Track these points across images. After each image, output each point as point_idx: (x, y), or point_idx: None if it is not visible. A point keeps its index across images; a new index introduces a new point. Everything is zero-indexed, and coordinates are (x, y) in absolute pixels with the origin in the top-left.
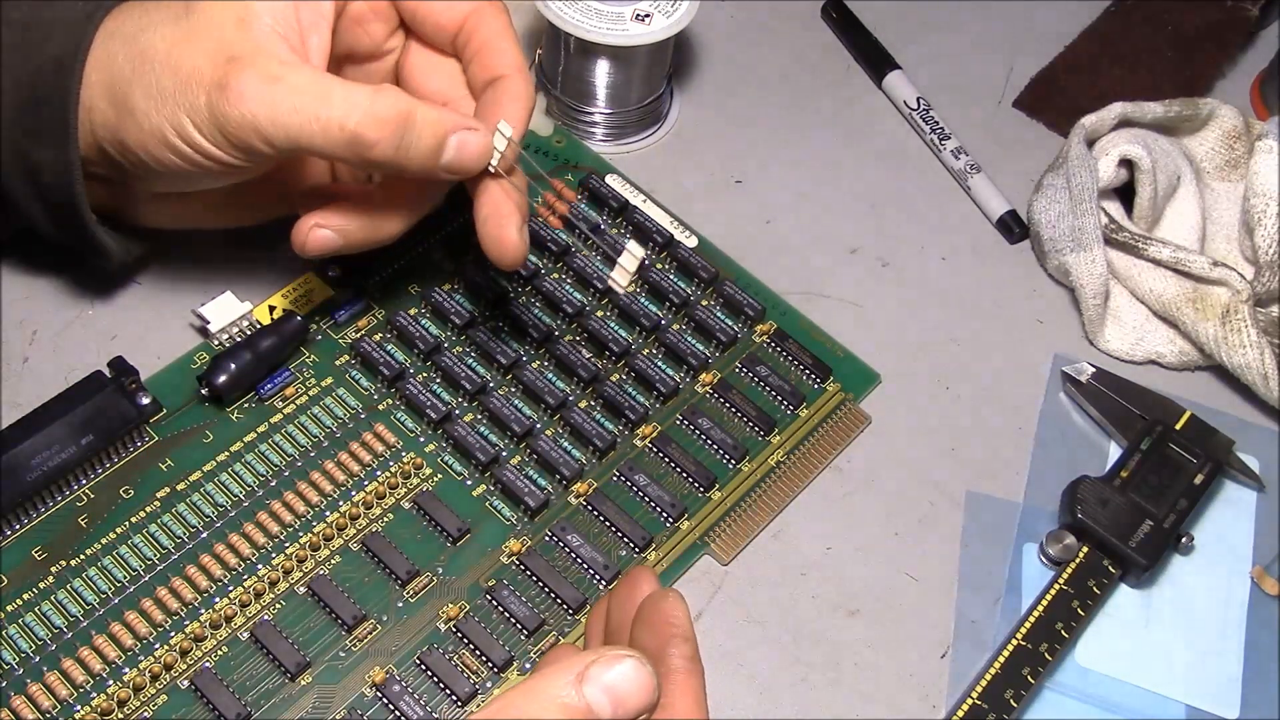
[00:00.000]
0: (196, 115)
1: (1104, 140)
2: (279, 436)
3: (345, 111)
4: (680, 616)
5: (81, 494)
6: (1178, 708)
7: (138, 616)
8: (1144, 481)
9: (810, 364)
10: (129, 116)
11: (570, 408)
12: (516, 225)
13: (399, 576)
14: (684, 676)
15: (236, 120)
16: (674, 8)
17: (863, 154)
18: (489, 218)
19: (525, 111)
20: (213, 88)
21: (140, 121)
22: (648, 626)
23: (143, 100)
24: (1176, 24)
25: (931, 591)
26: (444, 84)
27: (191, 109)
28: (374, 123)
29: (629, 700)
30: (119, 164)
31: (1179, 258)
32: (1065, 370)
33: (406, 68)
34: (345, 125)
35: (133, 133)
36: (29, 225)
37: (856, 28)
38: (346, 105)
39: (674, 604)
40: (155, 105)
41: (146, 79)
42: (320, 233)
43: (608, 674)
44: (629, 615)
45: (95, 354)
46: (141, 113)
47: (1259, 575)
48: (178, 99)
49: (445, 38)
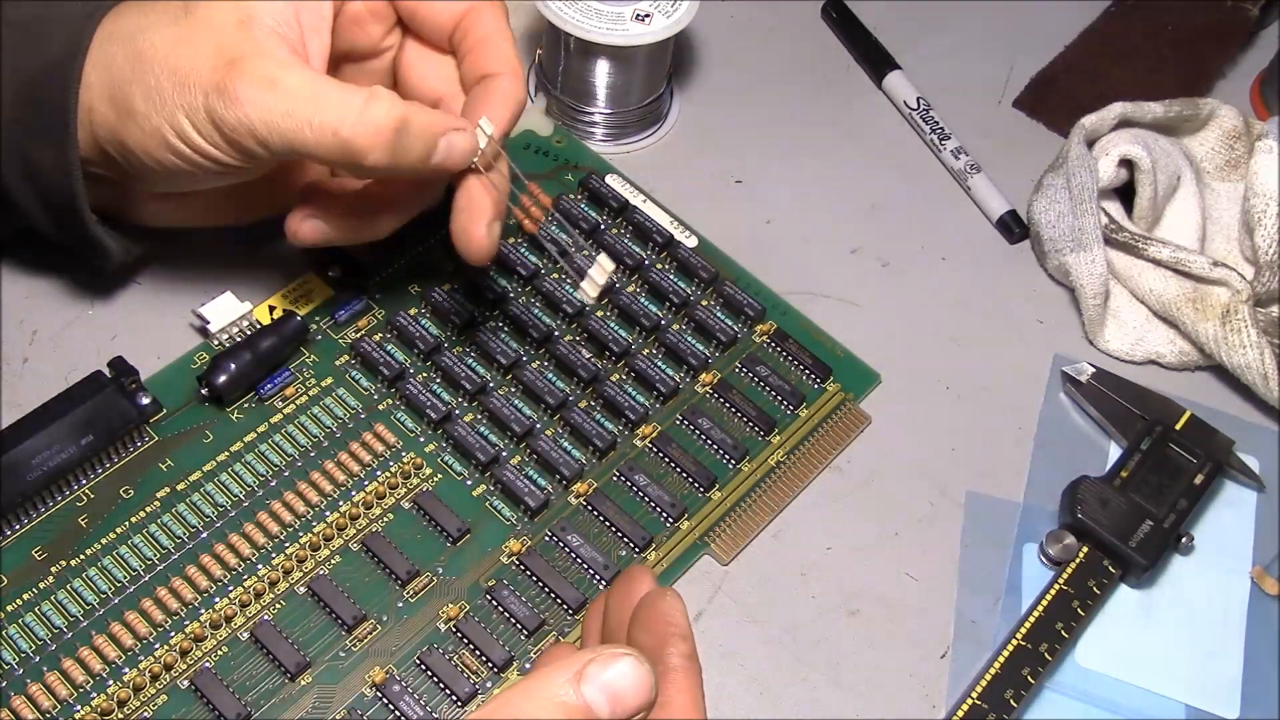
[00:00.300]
0: (195, 116)
1: (1104, 140)
2: (279, 436)
3: (339, 118)
4: (678, 615)
5: (81, 494)
6: (1178, 708)
7: (138, 616)
8: (1144, 481)
9: (810, 364)
10: (129, 118)
11: (570, 408)
12: (486, 221)
13: (399, 576)
14: (682, 676)
15: (233, 123)
16: (674, 8)
17: (863, 154)
18: (461, 211)
19: (510, 111)
20: (211, 90)
21: (140, 123)
22: (645, 625)
23: (142, 102)
24: (1176, 24)
25: (931, 591)
26: (439, 81)
27: (190, 110)
28: (367, 130)
29: (627, 699)
30: (119, 164)
31: (1179, 258)
32: (1065, 370)
33: (403, 65)
34: (339, 132)
35: (133, 134)
36: (29, 225)
37: (856, 28)
38: (340, 111)
39: (671, 603)
40: (154, 107)
41: (145, 80)
42: (312, 223)
43: (605, 673)
44: (626, 614)
45: (95, 354)
46: (141, 115)
47: (1259, 575)
48: (176, 100)
49: (442, 35)
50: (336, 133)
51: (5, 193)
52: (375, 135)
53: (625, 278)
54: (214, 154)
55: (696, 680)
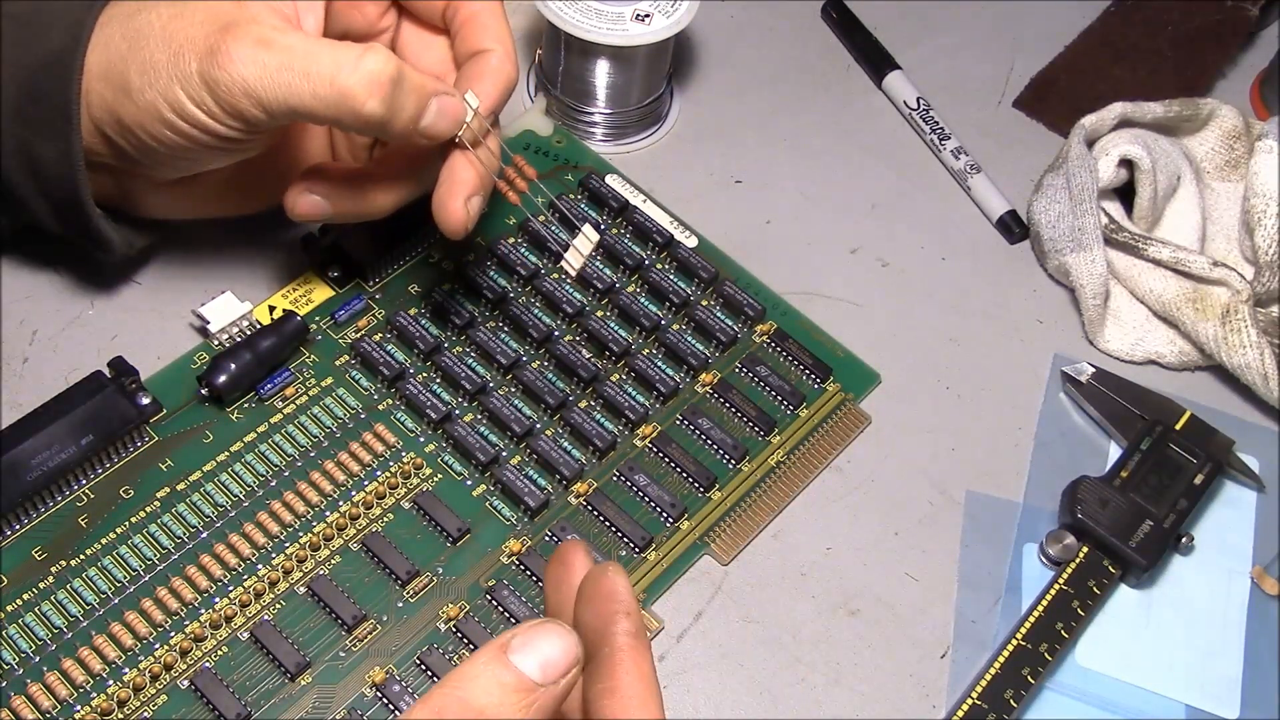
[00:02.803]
0: (189, 84)
1: (1104, 140)
2: (279, 436)
3: (334, 69)
4: (622, 590)
5: (81, 494)
6: (1178, 708)
7: (138, 616)
8: (1144, 481)
9: (810, 364)
10: (125, 95)
11: (570, 408)
12: (465, 195)
13: (399, 576)
14: (630, 653)
15: (227, 84)
16: (674, 8)
17: (863, 154)
18: (441, 184)
19: (499, 88)
20: (204, 54)
21: (135, 99)
22: (589, 603)
23: (137, 77)
24: (1176, 24)
25: (931, 591)
26: (435, 62)
27: (184, 78)
28: (364, 79)
29: (555, 660)
30: (120, 147)
31: (1179, 258)
32: (1065, 370)
33: (400, 46)
34: (335, 81)
35: (129, 110)
36: (32, 220)
37: (856, 28)
38: (335, 62)
39: (614, 577)
40: (149, 80)
41: (141, 55)
42: (310, 197)
43: (530, 643)
44: (567, 595)
45: (95, 354)
46: (136, 89)
47: (1259, 575)
48: (171, 70)
49: (435, 14)
50: (333, 80)
51: (8, 188)
52: (371, 83)
53: (625, 278)
54: (209, 124)
55: (645, 655)
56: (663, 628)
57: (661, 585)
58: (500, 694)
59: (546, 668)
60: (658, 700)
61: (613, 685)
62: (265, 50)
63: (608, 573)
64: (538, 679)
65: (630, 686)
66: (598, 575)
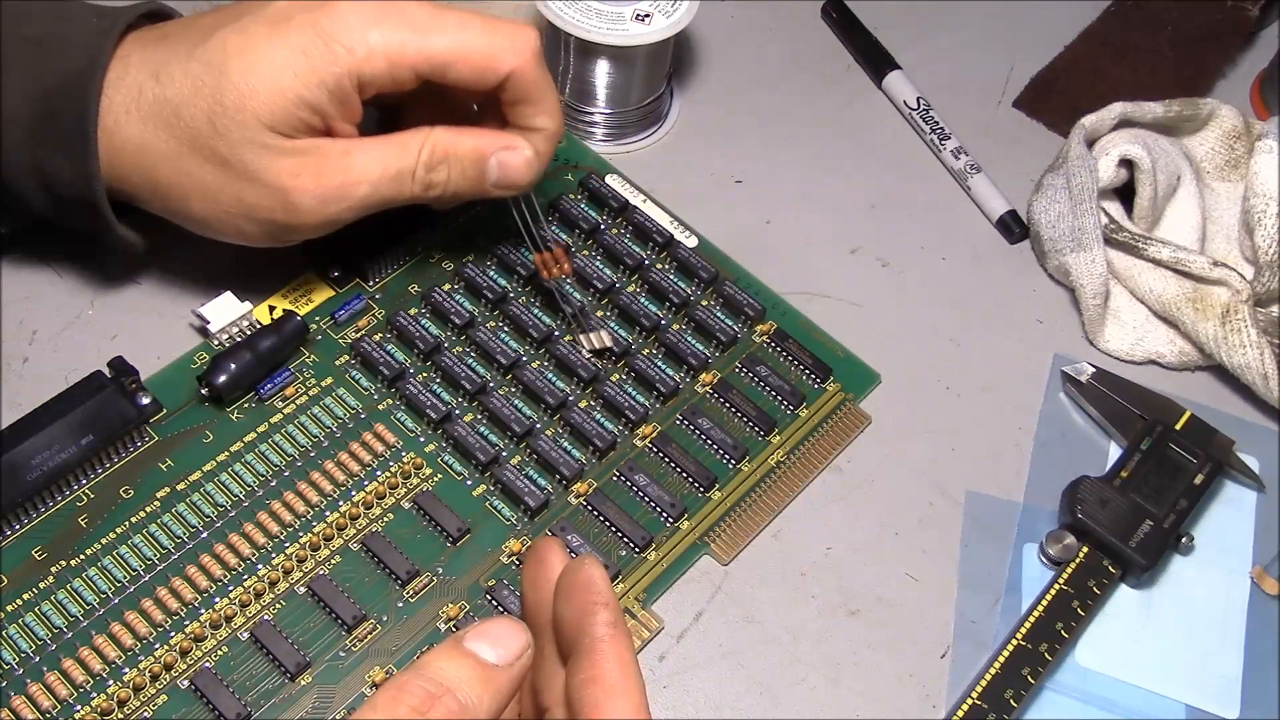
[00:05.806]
0: (254, 221)
1: (1104, 140)
2: (279, 436)
3: (396, 186)
4: (599, 582)
5: (81, 494)
6: (1178, 708)
7: (138, 616)
8: (1144, 481)
9: (810, 364)
10: (199, 192)
11: (570, 408)
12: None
13: (399, 576)
14: (610, 643)
15: (295, 225)
16: (674, 8)
17: (863, 154)
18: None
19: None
20: (279, 208)
21: (209, 204)
22: (567, 597)
23: (210, 195)
24: (1176, 24)
25: (931, 591)
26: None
27: (257, 220)
28: (423, 182)
29: (508, 644)
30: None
31: (1179, 258)
32: (1065, 370)
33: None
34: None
35: (196, 209)
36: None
37: (856, 28)
38: (398, 173)
39: (590, 570)
40: (223, 210)
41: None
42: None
43: (483, 634)
44: (545, 593)
45: (95, 354)
46: (212, 194)
47: (1259, 575)
48: (257, 206)
49: (468, 106)
50: (398, 186)
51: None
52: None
53: (625, 278)
54: (258, 239)
55: (624, 645)
56: (663, 628)
57: (661, 585)
58: (460, 674)
59: (500, 652)
60: (640, 687)
61: (595, 675)
62: (323, 182)
63: (584, 566)
64: (494, 661)
65: (612, 674)
66: (574, 569)
